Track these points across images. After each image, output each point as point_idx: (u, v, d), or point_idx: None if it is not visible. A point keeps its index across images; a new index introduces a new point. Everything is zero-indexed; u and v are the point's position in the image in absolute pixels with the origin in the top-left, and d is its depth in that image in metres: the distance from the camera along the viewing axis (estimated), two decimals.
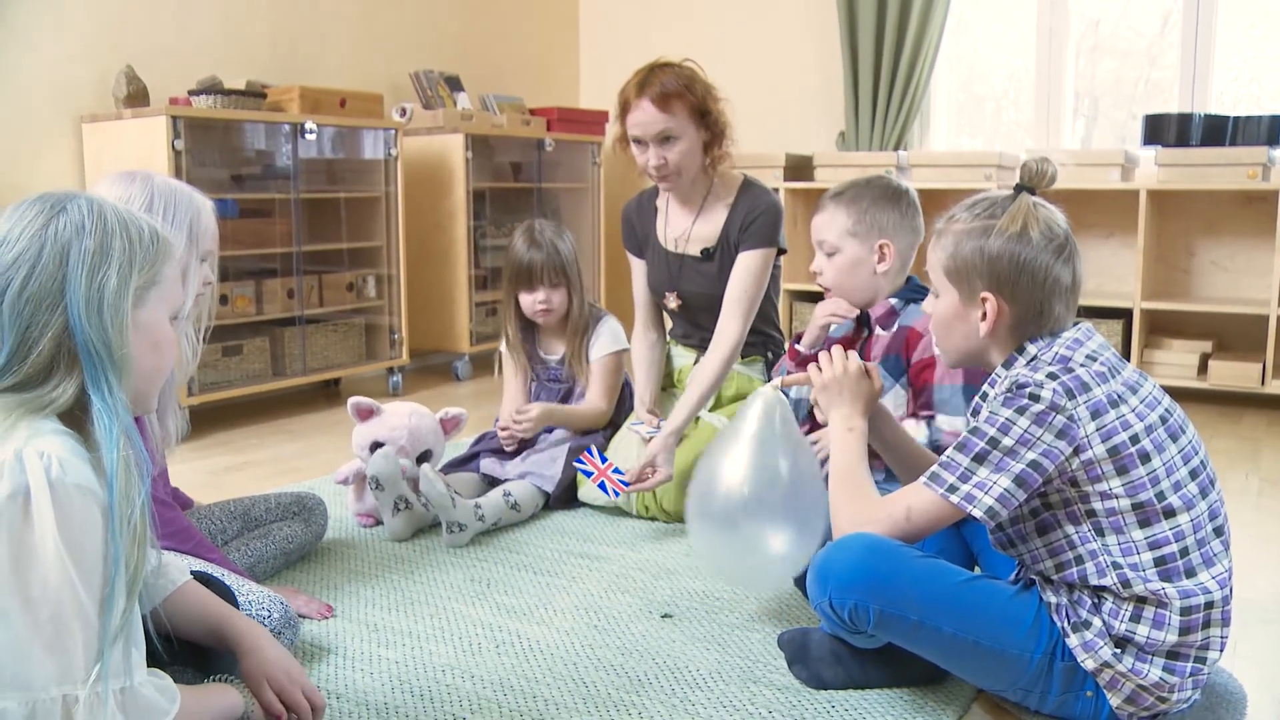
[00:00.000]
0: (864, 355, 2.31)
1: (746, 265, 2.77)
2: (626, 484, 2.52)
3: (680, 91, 2.68)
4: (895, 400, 2.29)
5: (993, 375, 1.70)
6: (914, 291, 2.33)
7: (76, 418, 1.21)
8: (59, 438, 1.15)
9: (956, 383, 2.21)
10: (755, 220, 2.78)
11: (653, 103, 2.67)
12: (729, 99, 2.80)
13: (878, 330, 2.34)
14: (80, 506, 1.13)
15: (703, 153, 2.77)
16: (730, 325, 2.74)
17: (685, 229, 2.88)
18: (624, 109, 2.74)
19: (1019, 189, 1.69)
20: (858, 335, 2.40)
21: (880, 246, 2.30)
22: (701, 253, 2.86)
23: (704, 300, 2.89)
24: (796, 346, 2.50)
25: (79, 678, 1.14)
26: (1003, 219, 1.64)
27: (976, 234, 1.65)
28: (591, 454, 2.39)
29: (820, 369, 1.85)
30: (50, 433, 1.16)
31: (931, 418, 2.25)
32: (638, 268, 3.04)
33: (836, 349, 1.86)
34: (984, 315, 1.66)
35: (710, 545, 1.96)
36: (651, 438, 2.77)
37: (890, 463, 1.95)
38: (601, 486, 2.30)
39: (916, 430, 2.23)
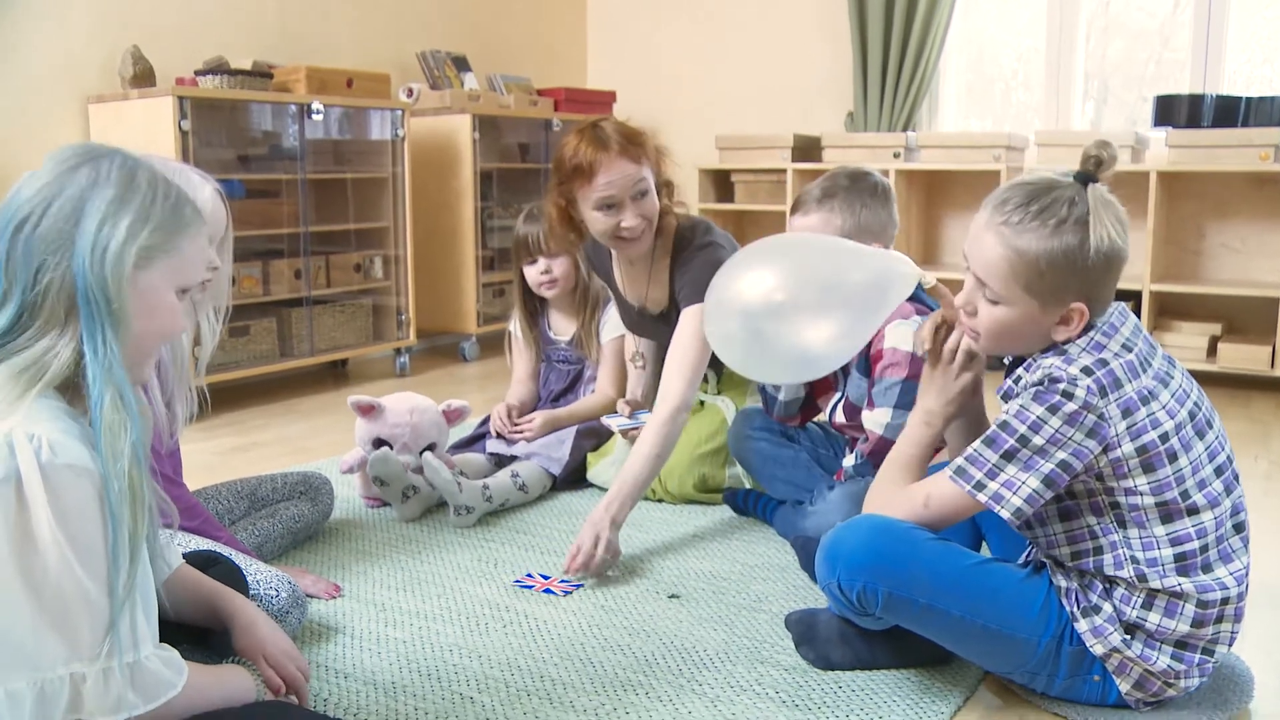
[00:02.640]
0: (863, 356, 2.28)
1: (689, 324, 2.48)
2: (570, 581, 2.25)
3: (636, 135, 2.45)
4: (859, 392, 2.28)
5: (1026, 360, 1.63)
6: None
7: (73, 385, 1.20)
8: (52, 419, 1.15)
9: (899, 375, 2.16)
10: (688, 277, 2.54)
11: (624, 157, 2.40)
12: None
13: None
14: (72, 488, 1.13)
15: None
16: (675, 386, 2.44)
17: (640, 292, 2.73)
18: (586, 173, 2.40)
19: (1083, 179, 1.58)
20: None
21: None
22: (659, 315, 2.73)
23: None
24: None
25: (86, 655, 1.14)
26: (1094, 227, 1.53)
27: (1069, 245, 1.53)
28: (531, 575, 2.26)
29: (944, 360, 1.72)
30: (44, 414, 1.15)
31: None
32: (612, 291, 2.93)
33: (967, 350, 1.70)
34: (1065, 320, 1.57)
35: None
36: (624, 430, 2.75)
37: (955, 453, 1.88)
38: (548, 591, 2.18)
39: (870, 420, 2.21)
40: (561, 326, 3.10)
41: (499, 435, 2.95)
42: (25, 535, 1.11)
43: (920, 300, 2.25)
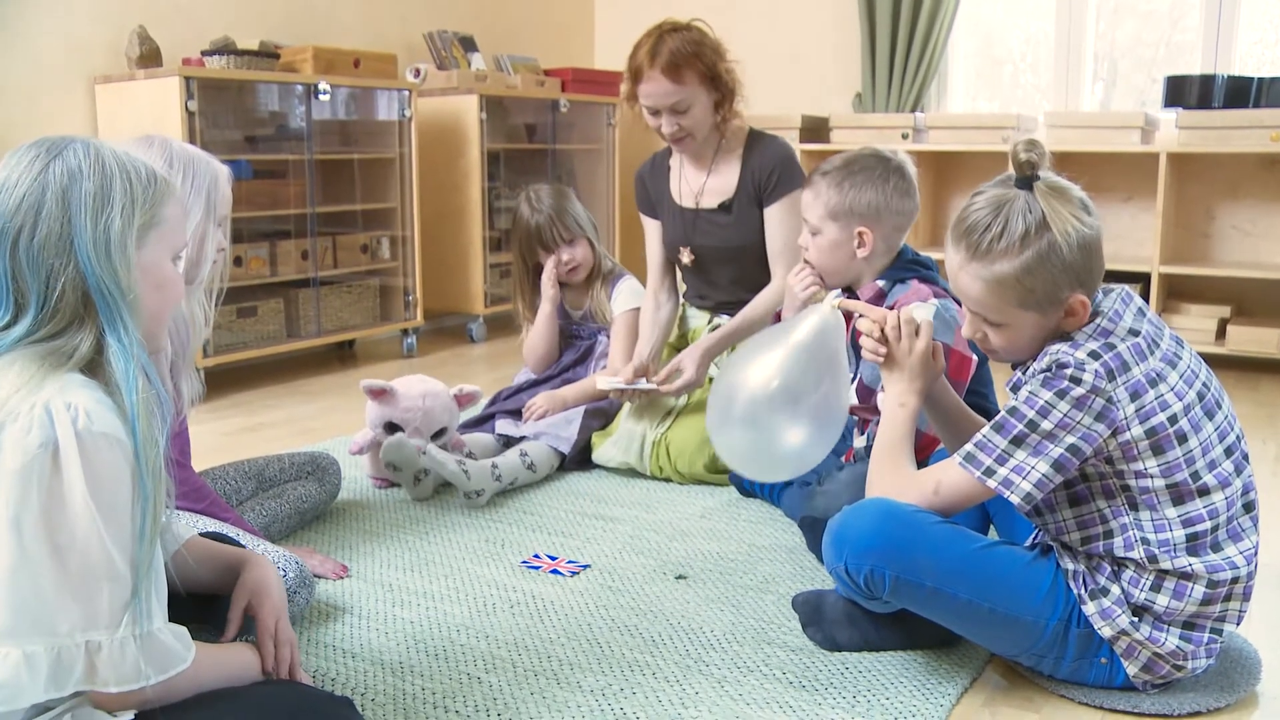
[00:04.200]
0: (854, 335, 2.27)
1: (780, 216, 2.80)
2: (577, 562, 2.25)
3: (690, 59, 2.69)
4: (872, 374, 2.26)
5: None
6: (903, 270, 2.26)
7: (96, 365, 1.22)
8: (85, 390, 1.17)
9: None
10: (774, 171, 2.81)
11: (664, 74, 2.68)
12: (739, 60, 2.80)
13: None
14: (107, 456, 1.15)
15: (714, 112, 2.80)
16: (779, 273, 2.79)
17: (700, 185, 2.90)
18: (635, 76, 2.75)
19: (1024, 184, 1.59)
20: (848, 315, 2.35)
21: (859, 233, 2.22)
22: (719, 206, 2.88)
23: (718, 254, 2.90)
24: None
25: (103, 624, 1.15)
26: (1055, 226, 1.54)
27: (1041, 253, 1.54)
28: (538, 556, 2.28)
29: (885, 339, 1.74)
30: (77, 385, 1.17)
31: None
32: (651, 229, 3.04)
33: (908, 321, 1.75)
34: (1071, 312, 1.58)
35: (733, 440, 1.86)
36: (613, 390, 2.80)
37: (943, 437, 1.89)
38: (555, 572, 2.20)
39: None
40: (575, 300, 3.15)
41: (510, 413, 2.96)
42: (57, 501, 1.13)
43: (934, 281, 2.24)
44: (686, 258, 2.95)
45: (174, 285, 1.33)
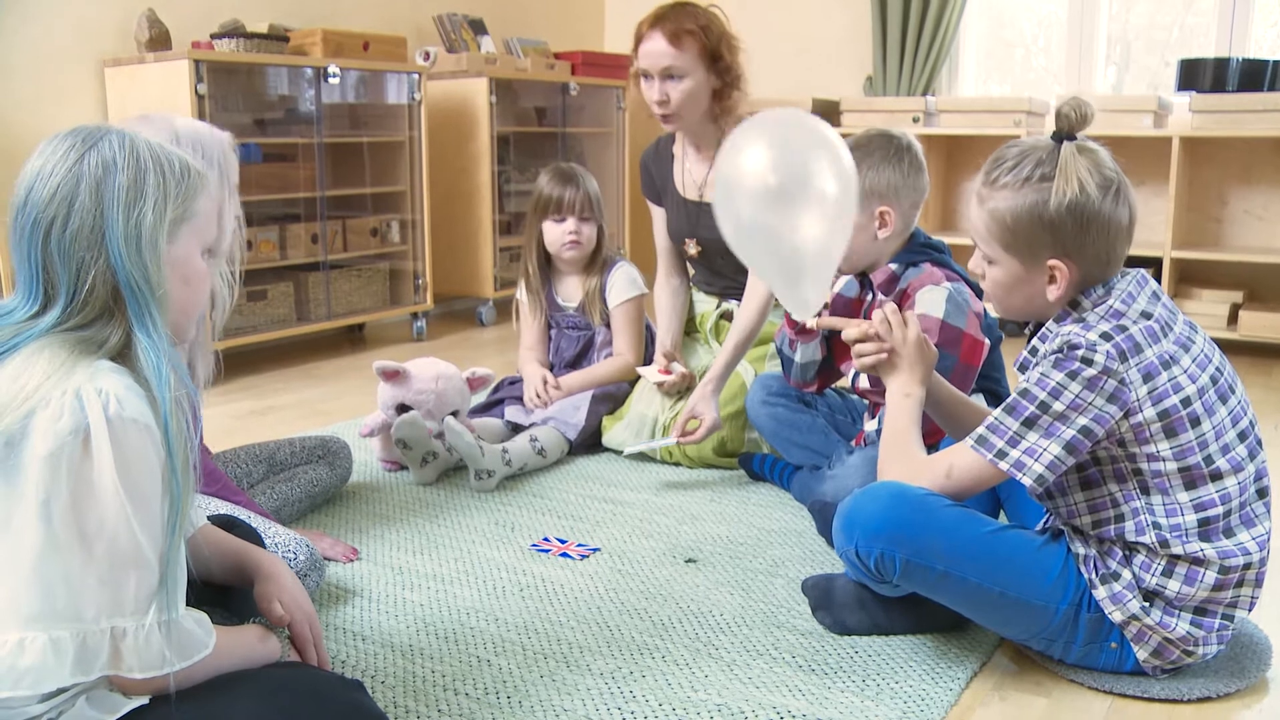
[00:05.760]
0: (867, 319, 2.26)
1: None
2: (586, 546, 2.25)
3: (694, 30, 2.66)
4: None
5: (1043, 330, 1.65)
6: (915, 253, 2.24)
7: (126, 357, 1.23)
8: (116, 376, 1.18)
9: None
10: None
11: (663, 35, 2.66)
12: (747, 49, 2.77)
13: (879, 295, 2.28)
14: (137, 442, 1.15)
15: (710, 99, 2.74)
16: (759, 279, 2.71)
17: (701, 177, 2.87)
18: (637, 40, 2.73)
19: (1058, 138, 1.61)
20: (863, 297, 2.34)
21: (880, 213, 2.19)
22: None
23: (723, 246, 2.85)
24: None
25: (128, 610, 1.16)
26: (1057, 181, 1.55)
27: (1032, 201, 1.56)
28: (548, 539, 2.28)
29: (878, 338, 1.75)
30: (108, 371, 1.18)
31: None
32: (658, 215, 3.03)
33: (894, 312, 1.76)
34: (1052, 279, 1.59)
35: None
36: (659, 383, 2.78)
37: (944, 425, 1.89)
38: (565, 555, 2.20)
39: None
40: (569, 293, 3.08)
41: (519, 398, 2.95)
42: (87, 487, 1.13)
43: (948, 265, 2.24)
44: (693, 249, 2.94)
45: (202, 280, 1.33)
